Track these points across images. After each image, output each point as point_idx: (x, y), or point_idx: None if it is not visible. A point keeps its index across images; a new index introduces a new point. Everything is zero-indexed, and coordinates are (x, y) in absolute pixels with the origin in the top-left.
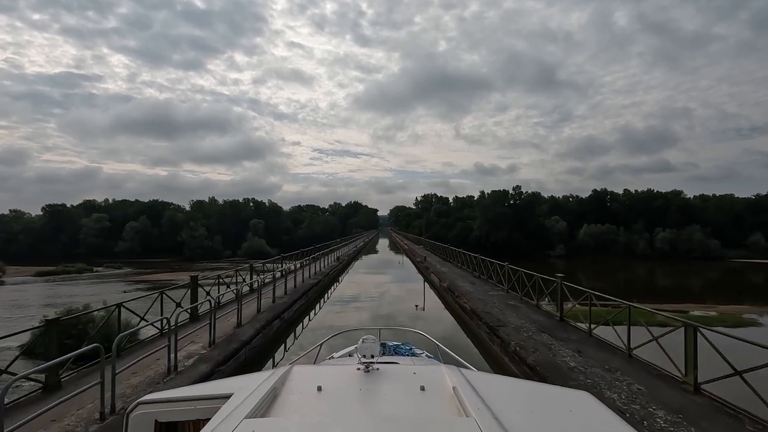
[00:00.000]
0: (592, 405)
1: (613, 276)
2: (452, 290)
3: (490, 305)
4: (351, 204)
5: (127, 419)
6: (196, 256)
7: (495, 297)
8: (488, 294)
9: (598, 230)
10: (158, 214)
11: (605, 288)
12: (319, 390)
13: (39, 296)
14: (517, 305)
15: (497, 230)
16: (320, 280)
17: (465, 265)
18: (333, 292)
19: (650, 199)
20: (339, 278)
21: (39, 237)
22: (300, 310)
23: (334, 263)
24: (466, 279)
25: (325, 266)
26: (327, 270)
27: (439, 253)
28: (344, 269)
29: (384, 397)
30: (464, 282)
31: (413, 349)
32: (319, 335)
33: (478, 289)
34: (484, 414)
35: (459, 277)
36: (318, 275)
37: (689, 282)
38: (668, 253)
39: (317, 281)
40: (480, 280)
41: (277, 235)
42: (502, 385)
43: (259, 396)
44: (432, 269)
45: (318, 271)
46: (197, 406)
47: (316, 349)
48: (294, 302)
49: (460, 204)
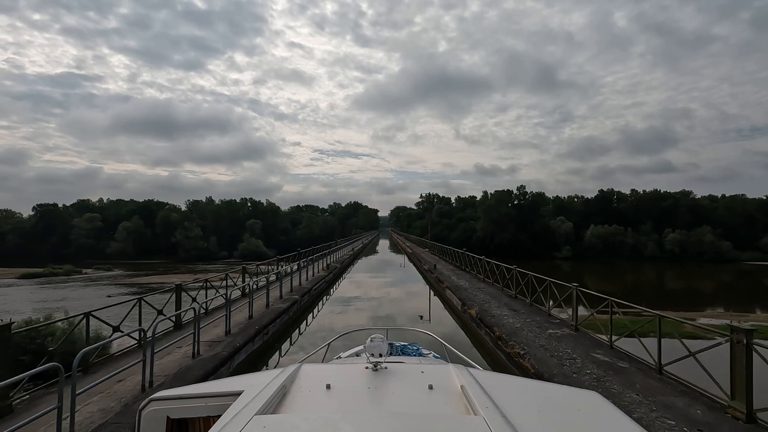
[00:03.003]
0: (602, 405)
1: (622, 279)
2: (489, 325)
3: (567, 363)
4: (351, 204)
5: (139, 416)
6: (191, 257)
7: (559, 339)
8: (550, 335)
9: (605, 231)
10: (152, 215)
11: (615, 292)
12: (328, 388)
13: (16, 301)
14: (626, 368)
15: (501, 231)
16: (296, 301)
17: (487, 277)
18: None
19: (658, 199)
20: (326, 294)
21: (29, 237)
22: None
23: (323, 273)
24: (499, 299)
25: (309, 278)
26: (309, 285)
27: (448, 258)
28: (335, 280)
29: (393, 395)
30: (499, 306)
31: (420, 349)
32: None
33: (527, 323)
34: (493, 412)
35: (488, 296)
36: (293, 294)
37: (704, 285)
38: (678, 255)
39: (289, 305)
40: (519, 303)
41: (275, 235)
42: (510, 384)
43: (269, 393)
44: (447, 282)
45: (296, 287)
46: (208, 403)
47: (324, 348)
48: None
49: (462, 204)
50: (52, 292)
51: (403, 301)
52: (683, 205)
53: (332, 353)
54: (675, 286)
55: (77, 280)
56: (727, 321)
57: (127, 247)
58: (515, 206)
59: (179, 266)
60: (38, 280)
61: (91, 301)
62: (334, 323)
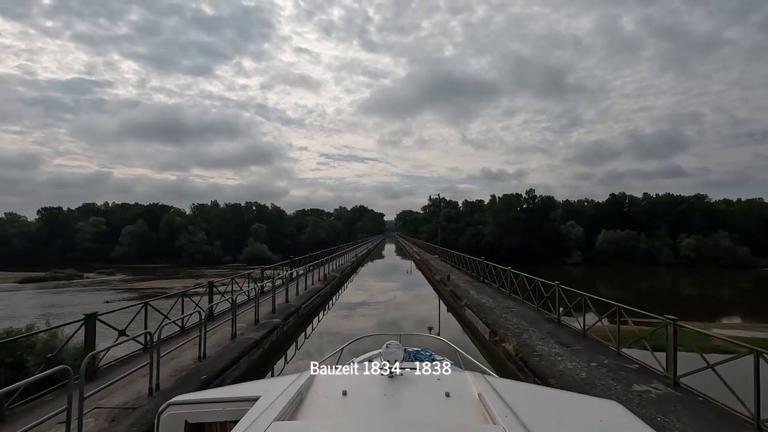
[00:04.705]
0: (623, 415)
1: (636, 285)
2: (539, 373)
3: None
4: (356, 208)
5: (158, 419)
6: (195, 261)
7: (658, 405)
8: (641, 398)
9: (617, 236)
10: (157, 218)
11: (629, 300)
12: (345, 394)
13: (12, 307)
14: None
15: (510, 236)
16: (276, 327)
17: (514, 292)
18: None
19: (672, 203)
20: (323, 308)
21: (34, 241)
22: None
23: (318, 285)
24: (539, 326)
25: (301, 291)
26: (298, 301)
27: (461, 266)
28: (333, 293)
29: (409, 403)
30: (543, 338)
31: (433, 355)
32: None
33: (593, 369)
34: (512, 422)
35: (522, 321)
36: (273, 317)
37: (723, 293)
38: (694, 260)
39: (264, 333)
40: (567, 332)
41: (280, 239)
42: (529, 392)
43: (286, 399)
44: (466, 299)
45: (280, 307)
46: (225, 408)
47: (337, 353)
48: None
49: (469, 208)
50: (50, 297)
51: (410, 305)
52: (698, 210)
53: (345, 358)
54: (694, 293)
55: (79, 284)
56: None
57: (131, 251)
58: (524, 210)
59: (183, 270)
60: (38, 284)
61: (85, 307)
62: (329, 344)
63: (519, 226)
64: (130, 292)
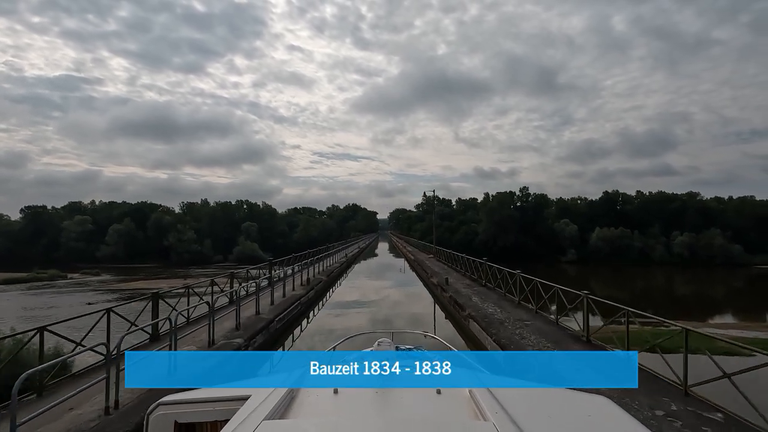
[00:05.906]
0: (612, 410)
1: (631, 284)
2: None
3: None
4: (350, 206)
5: (147, 420)
6: (184, 261)
7: None
8: None
9: (611, 234)
10: (145, 217)
11: (624, 299)
12: (336, 392)
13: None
14: None
15: (504, 234)
16: (238, 348)
17: (525, 299)
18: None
19: (665, 201)
20: (302, 320)
21: (17, 240)
22: None
23: (300, 291)
24: (562, 346)
25: (278, 300)
26: (270, 314)
27: (460, 267)
28: (317, 300)
29: (400, 400)
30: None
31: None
32: None
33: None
34: (503, 418)
35: (541, 338)
36: (235, 336)
37: (720, 291)
38: (688, 258)
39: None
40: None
41: (272, 238)
42: (519, 389)
43: (276, 398)
44: (470, 308)
45: (248, 319)
46: (216, 408)
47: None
48: None
49: (462, 207)
50: (29, 299)
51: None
52: (691, 207)
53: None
54: (689, 291)
55: (62, 285)
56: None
57: (119, 250)
58: (518, 208)
59: (170, 270)
60: (19, 286)
61: (63, 310)
62: (320, 344)
63: (513, 224)
64: (110, 294)
